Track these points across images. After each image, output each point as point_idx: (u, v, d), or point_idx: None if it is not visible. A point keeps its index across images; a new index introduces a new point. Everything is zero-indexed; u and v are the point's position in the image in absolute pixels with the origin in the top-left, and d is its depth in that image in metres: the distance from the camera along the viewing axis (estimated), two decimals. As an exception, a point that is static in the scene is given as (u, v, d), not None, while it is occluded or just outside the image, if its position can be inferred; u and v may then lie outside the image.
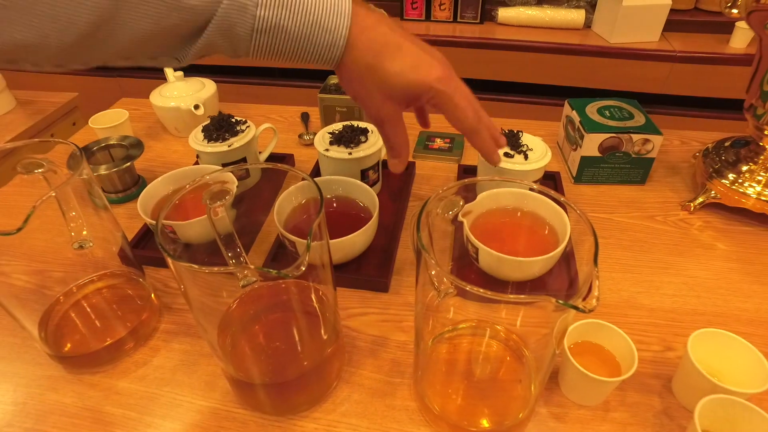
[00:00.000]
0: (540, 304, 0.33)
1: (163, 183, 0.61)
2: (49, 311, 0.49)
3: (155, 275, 0.58)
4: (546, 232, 0.53)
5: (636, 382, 0.45)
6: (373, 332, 0.50)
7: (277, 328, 0.45)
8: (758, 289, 0.54)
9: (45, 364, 0.48)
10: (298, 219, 0.56)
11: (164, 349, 0.49)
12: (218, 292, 0.41)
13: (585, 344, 0.45)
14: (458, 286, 0.31)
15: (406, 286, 0.55)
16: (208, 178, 0.40)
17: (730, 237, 0.61)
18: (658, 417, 0.42)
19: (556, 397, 0.44)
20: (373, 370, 0.47)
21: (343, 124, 0.64)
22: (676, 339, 0.49)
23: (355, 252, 0.55)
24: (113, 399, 0.45)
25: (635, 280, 0.55)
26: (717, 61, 1.31)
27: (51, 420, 0.44)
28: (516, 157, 0.59)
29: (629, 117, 0.67)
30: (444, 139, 0.78)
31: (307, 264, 0.31)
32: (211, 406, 0.44)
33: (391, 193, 0.67)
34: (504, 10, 1.46)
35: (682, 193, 0.68)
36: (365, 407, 0.44)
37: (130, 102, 0.95)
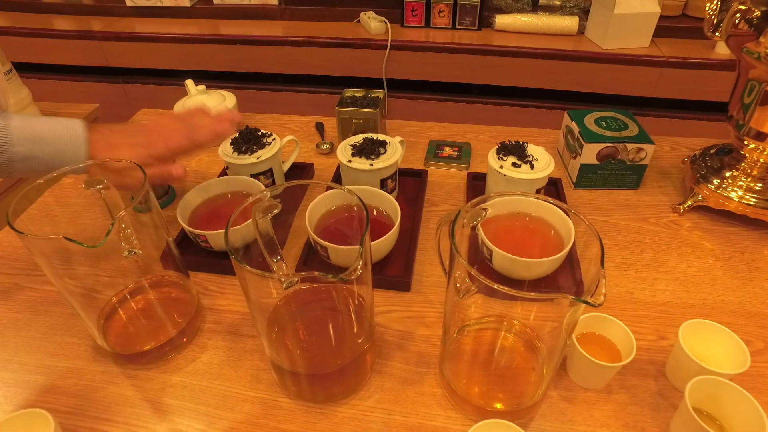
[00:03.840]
0: (555, 301, 0.39)
1: (198, 192, 0.66)
2: (104, 313, 0.54)
3: (194, 278, 0.63)
4: (552, 234, 0.59)
5: (634, 367, 0.51)
6: (399, 327, 0.56)
7: (321, 324, 0.51)
8: (740, 283, 0.60)
9: (103, 361, 0.53)
10: (326, 223, 0.61)
11: (210, 347, 0.54)
12: (267, 291, 0.46)
13: (590, 335, 0.51)
14: (486, 284, 0.37)
15: (427, 285, 0.61)
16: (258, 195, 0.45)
17: (715, 237, 0.67)
18: (653, 397, 0.48)
19: (564, 381, 0.50)
20: (402, 361, 0.52)
21: (363, 137, 0.70)
22: (668, 329, 0.55)
23: (380, 256, 0.60)
24: (169, 392, 0.50)
25: (631, 277, 0.61)
26: (703, 66, 1.38)
27: (114, 410, 0.49)
28: (523, 166, 0.64)
29: (624, 127, 0.73)
30: (452, 147, 0.84)
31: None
32: (258, 396, 0.50)
33: (407, 200, 0.73)
34: (501, 17, 1.52)
35: (673, 197, 0.74)
36: (397, 394, 0.49)
37: (150, 113, 0.99)
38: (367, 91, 0.82)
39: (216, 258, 0.63)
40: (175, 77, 1.61)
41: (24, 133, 0.50)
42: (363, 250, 0.36)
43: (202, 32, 1.56)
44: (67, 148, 0.52)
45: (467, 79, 1.52)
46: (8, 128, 0.49)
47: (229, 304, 0.59)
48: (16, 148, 0.50)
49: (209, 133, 0.59)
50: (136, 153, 0.55)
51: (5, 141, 0.49)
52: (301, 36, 1.52)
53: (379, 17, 1.53)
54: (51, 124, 0.52)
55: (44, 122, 0.52)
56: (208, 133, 0.59)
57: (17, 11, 1.73)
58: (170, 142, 0.57)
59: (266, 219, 0.46)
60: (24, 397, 0.50)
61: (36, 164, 0.51)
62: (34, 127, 0.51)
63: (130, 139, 0.56)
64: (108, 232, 0.41)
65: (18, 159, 0.50)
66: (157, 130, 0.58)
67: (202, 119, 0.60)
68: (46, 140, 0.51)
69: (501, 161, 0.66)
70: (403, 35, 1.52)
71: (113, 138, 0.55)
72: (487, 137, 0.90)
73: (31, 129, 0.50)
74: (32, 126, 0.51)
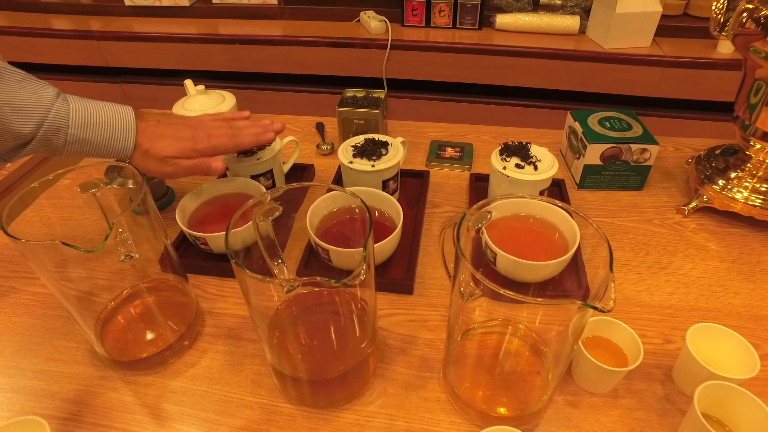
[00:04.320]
0: (563, 306, 0.38)
1: (197, 194, 0.65)
2: (102, 317, 0.53)
3: (193, 282, 0.62)
4: (556, 237, 0.58)
5: (640, 371, 0.50)
6: (402, 331, 0.55)
7: (323, 328, 0.50)
8: (747, 286, 0.59)
9: (101, 366, 0.52)
10: (327, 225, 0.60)
11: (210, 351, 0.54)
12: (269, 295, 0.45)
13: (595, 338, 0.50)
14: (492, 289, 0.36)
15: (429, 288, 0.60)
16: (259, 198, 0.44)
17: (721, 238, 0.66)
18: (660, 402, 0.48)
19: (569, 386, 0.49)
20: (405, 365, 0.51)
21: (364, 138, 0.69)
22: (675, 332, 0.54)
23: (382, 258, 0.60)
24: (169, 397, 0.49)
25: (636, 280, 0.61)
26: (705, 66, 1.37)
27: (113, 416, 0.48)
28: (526, 167, 0.64)
29: (628, 128, 0.73)
30: (454, 148, 0.83)
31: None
32: (259, 401, 0.49)
33: (409, 201, 0.72)
34: (502, 17, 1.51)
35: (677, 198, 0.74)
36: (400, 399, 0.49)
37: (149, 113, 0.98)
38: (368, 91, 0.82)
39: (215, 261, 0.62)
40: (174, 77, 1.60)
41: (80, 117, 0.51)
42: (366, 254, 0.36)
43: (201, 32, 1.55)
44: (117, 134, 0.53)
45: (468, 78, 1.51)
46: (69, 112, 0.50)
47: (228, 307, 0.58)
48: (72, 130, 0.51)
49: (253, 139, 0.61)
50: (181, 146, 0.56)
51: (64, 124, 0.50)
52: (300, 36, 1.51)
53: (379, 17, 1.52)
54: (104, 109, 0.53)
55: (98, 107, 0.53)
56: (251, 139, 0.61)
57: (16, 11, 1.72)
58: (214, 139, 0.58)
59: (267, 222, 0.45)
60: (21, 403, 0.49)
61: (87, 147, 0.53)
62: (90, 111, 0.52)
63: (176, 131, 0.57)
64: (106, 237, 0.40)
65: (72, 141, 0.51)
66: (202, 126, 0.59)
67: (245, 124, 0.62)
68: (99, 125, 0.52)
69: (504, 162, 0.65)
70: (403, 35, 1.51)
71: (159, 128, 0.56)
72: (489, 137, 0.89)
73: (87, 113, 0.52)
74: (88, 109, 0.52)
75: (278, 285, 0.40)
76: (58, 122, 0.50)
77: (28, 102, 0.49)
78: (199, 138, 0.57)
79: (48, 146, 0.51)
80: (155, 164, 0.56)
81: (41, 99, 0.49)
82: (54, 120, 0.50)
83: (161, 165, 0.56)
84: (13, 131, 0.49)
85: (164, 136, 0.56)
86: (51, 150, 0.52)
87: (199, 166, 0.58)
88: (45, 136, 0.50)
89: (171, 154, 0.56)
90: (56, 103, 0.50)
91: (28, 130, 0.49)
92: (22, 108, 0.48)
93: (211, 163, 0.58)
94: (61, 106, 0.50)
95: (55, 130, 0.50)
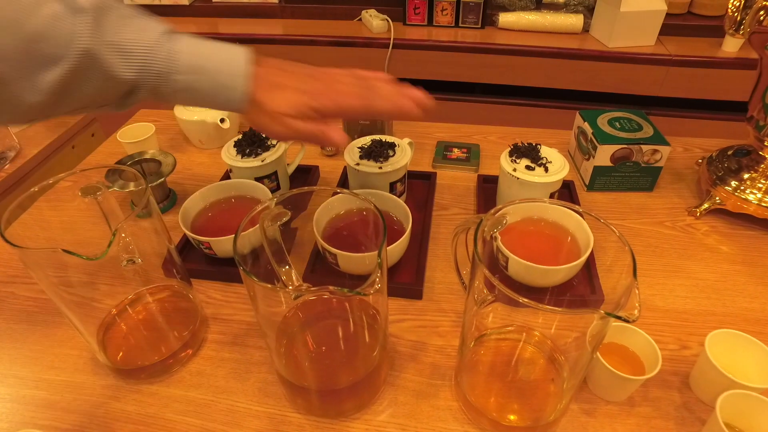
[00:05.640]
0: (584, 315, 0.37)
1: (201, 196, 0.64)
2: (104, 324, 0.52)
3: (197, 287, 0.60)
4: (569, 240, 0.57)
5: (657, 378, 0.49)
6: (412, 337, 0.54)
7: (332, 336, 0.48)
8: (763, 289, 0.58)
9: (103, 375, 0.51)
10: (333, 229, 0.59)
11: (215, 359, 0.52)
12: (277, 301, 0.44)
13: (611, 345, 0.49)
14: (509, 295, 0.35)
15: (439, 292, 0.59)
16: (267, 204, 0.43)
17: (734, 241, 0.65)
18: (678, 411, 0.47)
19: (584, 393, 0.48)
20: (416, 373, 0.50)
21: (371, 139, 0.68)
22: (691, 338, 0.53)
23: (390, 262, 0.58)
24: (174, 407, 0.48)
25: (649, 284, 0.60)
26: (710, 65, 1.36)
27: (116, 426, 0.47)
28: (537, 169, 0.62)
29: (638, 128, 0.71)
30: (461, 149, 0.82)
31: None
32: (267, 411, 0.47)
33: (416, 203, 0.71)
34: (505, 15, 1.50)
35: (688, 199, 0.72)
36: (411, 408, 0.47)
37: (149, 114, 0.97)
38: (373, 91, 0.80)
39: (220, 265, 0.61)
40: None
41: (189, 61, 0.42)
42: (381, 260, 0.34)
43: (202, 31, 1.53)
44: (226, 80, 0.44)
45: (470, 78, 1.50)
46: (176, 54, 0.42)
47: (234, 313, 0.57)
48: (180, 76, 0.42)
49: (391, 105, 0.48)
50: (299, 100, 0.46)
51: (170, 68, 0.42)
52: (301, 35, 1.50)
53: (381, 15, 1.51)
54: (217, 50, 0.44)
55: (211, 49, 0.44)
56: (389, 105, 0.48)
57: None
58: (341, 98, 0.47)
59: (275, 227, 0.44)
60: (21, 413, 0.48)
61: (196, 96, 0.45)
62: (201, 53, 0.43)
63: (298, 82, 0.47)
64: (109, 244, 0.39)
65: (180, 89, 0.43)
66: (330, 80, 0.48)
67: (384, 86, 0.49)
68: (207, 71, 0.43)
69: (514, 164, 0.64)
70: (405, 34, 1.50)
71: (279, 77, 0.47)
72: (496, 138, 0.88)
73: (198, 56, 0.43)
74: (199, 51, 0.43)
75: (288, 293, 0.39)
76: (163, 66, 0.42)
77: (131, 41, 0.40)
78: (322, 93, 0.47)
79: (156, 94, 0.43)
80: (268, 121, 0.46)
81: (145, 38, 0.41)
82: (159, 64, 0.41)
83: (272, 123, 0.46)
84: (115, 77, 0.40)
85: (284, 87, 0.46)
86: (160, 98, 0.44)
87: (317, 134, 0.47)
88: (150, 84, 0.42)
89: (286, 110, 0.45)
90: (162, 44, 0.41)
91: (131, 75, 0.41)
92: (125, 49, 0.40)
93: (330, 135, 0.47)
94: (167, 48, 0.42)
95: (160, 76, 0.42)
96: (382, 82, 0.49)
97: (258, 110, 0.45)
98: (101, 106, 0.44)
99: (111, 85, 0.41)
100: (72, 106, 0.41)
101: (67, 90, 0.39)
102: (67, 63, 0.37)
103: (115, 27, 0.40)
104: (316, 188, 0.69)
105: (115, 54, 0.39)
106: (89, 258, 0.38)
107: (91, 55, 0.38)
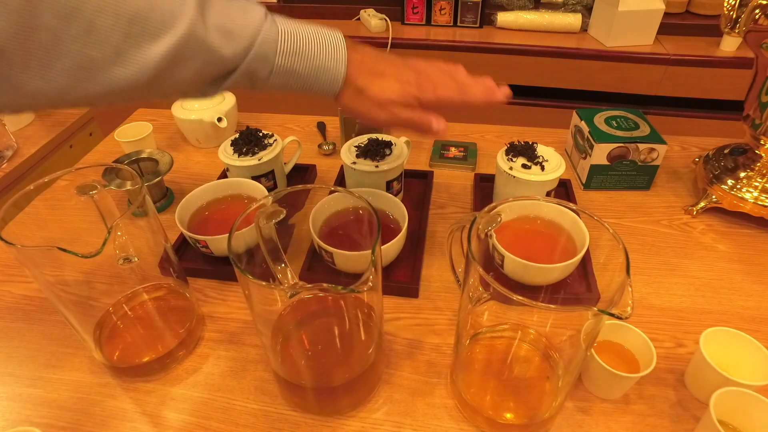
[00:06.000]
0: (577, 312, 0.37)
1: (198, 195, 0.64)
2: (101, 323, 0.52)
3: (193, 285, 0.60)
4: (564, 239, 0.57)
5: (652, 376, 0.49)
6: (408, 336, 0.54)
7: (328, 334, 0.49)
8: (759, 288, 0.58)
9: (100, 373, 0.51)
10: (330, 227, 0.59)
11: (212, 357, 0.52)
12: (272, 299, 0.44)
13: (606, 343, 0.49)
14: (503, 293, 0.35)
15: (435, 291, 0.59)
16: (262, 202, 0.43)
17: (731, 239, 0.65)
18: (673, 408, 0.47)
19: (580, 391, 0.48)
20: (411, 371, 0.50)
21: (368, 137, 0.68)
22: (686, 336, 0.53)
23: (386, 261, 0.58)
24: (170, 405, 0.48)
25: (645, 282, 0.60)
26: (708, 64, 1.36)
27: (113, 425, 0.47)
28: (533, 168, 0.62)
29: (635, 127, 0.71)
30: (458, 147, 0.82)
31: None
32: (263, 409, 0.48)
33: (413, 202, 0.71)
34: (503, 15, 1.50)
35: (685, 198, 0.73)
36: (406, 406, 0.47)
37: (147, 113, 0.97)
38: (370, 90, 0.80)
39: (216, 264, 0.61)
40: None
41: (290, 44, 0.42)
42: (374, 258, 0.34)
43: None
44: (326, 63, 0.44)
45: (469, 77, 1.50)
46: (278, 36, 0.42)
47: (230, 311, 0.57)
48: (280, 60, 0.42)
49: (484, 96, 0.49)
50: (403, 89, 0.47)
51: (272, 50, 0.42)
52: (300, 34, 1.50)
53: (379, 15, 1.51)
54: (314, 33, 0.44)
55: (308, 31, 0.44)
56: (482, 96, 0.49)
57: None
58: (440, 90, 0.48)
59: (270, 225, 0.44)
60: (17, 412, 0.48)
61: (293, 80, 0.44)
62: (300, 36, 0.43)
63: (398, 72, 0.47)
64: (104, 242, 0.39)
65: (279, 73, 0.43)
66: (425, 73, 0.49)
67: (467, 79, 0.50)
68: (308, 54, 0.43)
69: (510, 162, 0.64)
70: (403, 33, 1.50)
71: (378, 64, 0.47)
72: (493, 137, 0.88)
73: (297, 39, 0.43)
74: (298, 34, 0.43)
75: (283, 291, 0.39)
76: (265, 49, 0.41)
77: (235, 23, 0.40)
78: (424, 86, 0.47)
79: (251, 78, 0.43)
80: (370, 107, 0.46)
81: (249, 20, 0.41)
82: (262, 46, 0.41)
83: (377, 109, 0.46)
84: (221, 57, 0.40)
85: (385, 75, 0.46)
86: (253, 83, 0.43)
87: (419, 121, 0.48)
88: (250, 66, 0.41)
89: (393, 98, 0.46)
90: (265, 25, 0.41)
91: (236, 58, 0.40)
92: (231, 30, 0.40)
93: (432, 121, 0.48)
94: (270, 30, 0.41)
95: (261, 59, 0.41)
96: (463, 74, 0.50)
97: (359, 96, 0.46)
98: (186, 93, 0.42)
99: (212, 68, 0.40)
100: (168, 89, 0.40)
101: (167, 71, 0.37)
102: (167, 44, 0.36)
103: (219, 9, 0.39)
104: (312, 186, 0.69)
105: (222, 37, 0.39)
106: (85, 255, 0.38)
107: (196, 37, 0.37)
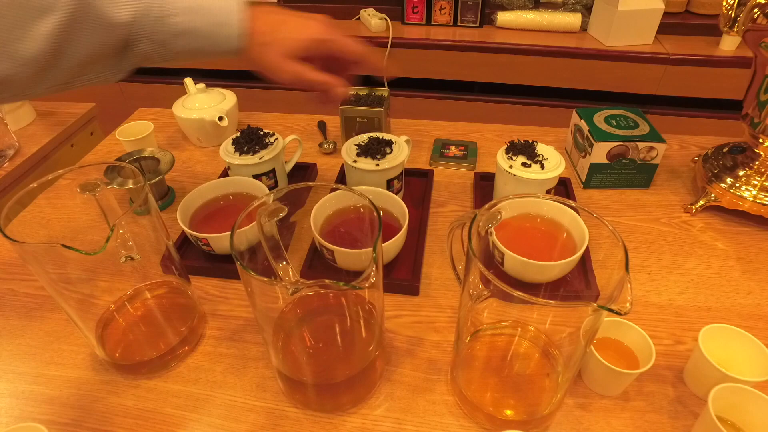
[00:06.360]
0: (576, 308, 0.37)
1: (199, 193, 0.64)
2: (103, 320, 0.52)
3: (195, 283, 0.61)
4: (564, 236, 0.57)
5: (651, 373, 0.49)
6: (409, 333, 0.54)
7: (329, 331, 0.49)
8: (757, 285, 0.59)
9: (102, 370, 0.51)
10: (331, 225, 0.59)
11: (213, 354, 0.53)
12: (274, 297, 0.44)
13: (606, 340, 0.49)
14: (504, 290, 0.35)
15: (435, 288, 0.59)
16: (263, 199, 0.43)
17: (729, 237, 0.66)
18: (672, 404, 0.47)
19: (579, 388, 0.48)
20: (412, 368, 0.51)
21: (368, 136, 0.68)
22: (685, 333, 0.53)
23: (387, 259, 0.59)
24: (171, 401, 0.48)
25: (645, 280, 0.60)
26: (707, 63, 1.36)
27: (115, 421, 0.47)
28: (533, 166, 0.63)
29: (634, 126, 0.72)
30: (458, 146, 0.82)
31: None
32: (264, 405, 0.48)
33: (414, 200, 0.71)
34: (503, 14, 1.50)
35: (684, 196, 0.73)
36: (407, 403, 0.48)
37: (148, 112, 0.97)
38: (370, 89, 0.80)
39: (218, 262, 0.61)
40: (174, 75, 1.59)
41: (185, 3, 0.43)
42: (375, 255, 0.35)
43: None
44: (222, 17, 0.44)
45: (469, 76, 1.50)
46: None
47: (231, 309, 0.57)
48: (177, 18, 0.43)
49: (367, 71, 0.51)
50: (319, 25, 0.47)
51: (166, 10, 0.42)
52: (300, 33, 1.50)
53: (379, 14, 1.51)
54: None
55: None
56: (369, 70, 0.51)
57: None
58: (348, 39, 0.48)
59: (272, 222, 0.44)
60: (20, 409, 0.48)
61: (196, 39, 0.44)
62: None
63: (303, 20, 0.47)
64: (107, 239, 0.39)
65: (179, 32, 0.43)
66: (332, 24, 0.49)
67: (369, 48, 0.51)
68: (203, 10, 0.43)
69: (510, 161, 0.64)
70: (403, 33, 1.50)
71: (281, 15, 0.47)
72: (493, 136, 0.88)
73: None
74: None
75: (285, 287, 0.39)
76: (159, 9, 0.41)
77: None
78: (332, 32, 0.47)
79: (155, 42, 0.43)
80: (276, 60, 0.45)
81: None
82: (155, 8, 0.41)
83: (282, 63, 0.45)
84: (107, 19, 0.40)
85: (288, 23, 0.46)
86: (160, 49, 0.44)
87: (324, 84, 0.48)
88: (146, 29, 0.42)
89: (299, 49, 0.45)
90: None
91: (126, 19, 0.40)
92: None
93: (334, 84, 0.48)
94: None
95: (157, 20, 0.42)
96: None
97: (266, 48, 0.45)
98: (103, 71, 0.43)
99: (108, 36, 0.41)
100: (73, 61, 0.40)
101: (65, 41, 0.38)
102: (60, 12, 0.37)
103: None
104: (314, 184, 0.70)
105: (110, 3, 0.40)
106: (87, 253, 0.38)
107: (84, 2, 0.38)
